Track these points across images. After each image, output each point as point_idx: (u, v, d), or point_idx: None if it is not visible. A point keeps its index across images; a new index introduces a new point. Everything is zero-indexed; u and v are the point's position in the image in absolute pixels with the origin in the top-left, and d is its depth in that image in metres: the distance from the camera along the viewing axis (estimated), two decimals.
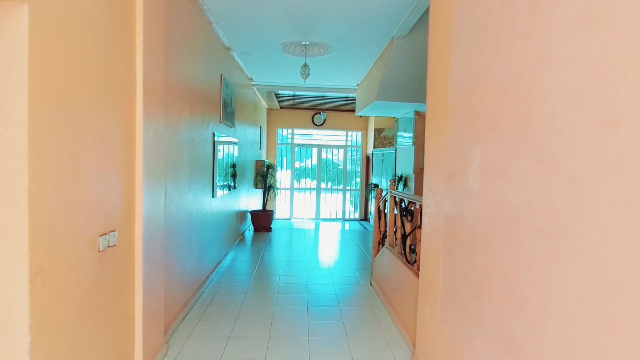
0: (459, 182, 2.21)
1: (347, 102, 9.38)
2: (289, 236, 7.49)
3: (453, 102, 2.34)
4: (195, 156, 3.92)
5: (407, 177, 7.26)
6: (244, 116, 6.82)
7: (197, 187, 4.03)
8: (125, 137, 2.26)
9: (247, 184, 7.43)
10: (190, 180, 3.77)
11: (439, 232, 2.55)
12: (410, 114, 7.08)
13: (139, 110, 2.40)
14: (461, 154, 2.20)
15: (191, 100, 3.73)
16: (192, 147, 3.77)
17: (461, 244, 2.17)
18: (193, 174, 3.84)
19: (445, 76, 2.50)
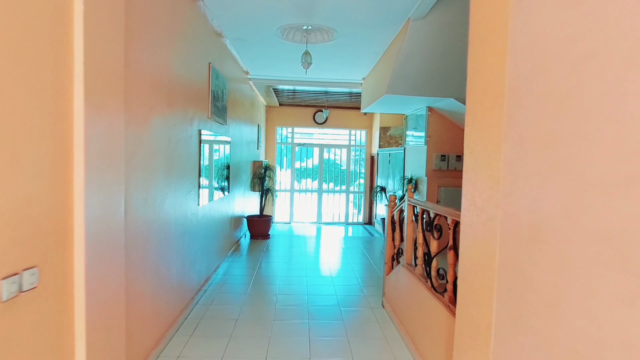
0: (534, 193, 1.53)
1: (351, 98, 8.71)
2: (289, 244, 6.82)
3: (517, 83, 1.65)
4: (175, 157, 3.25)
5: (417, 180, 6.58)
6: (238, 113, 6.15)
7: (178, 193, 3.36)
8: (55, 133, 1.59)
9: (243, 187, 6.76)
10: (168, 186, 3.10)
11: (489, 262, 1.87)
12: (421, 110, 6.40)
13: (77, 98, 1.72)
14: (538, 153, 1.51)
15: (169, 91, 3.06)
16: (169, 146, 3.10)
17: (537, 287, 1.49)
18: (171, 178, 3.17)
19: (500, 46, 1.82)
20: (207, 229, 4.45)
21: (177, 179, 3.28)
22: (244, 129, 6.63)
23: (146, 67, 2.62)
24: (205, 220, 4.36)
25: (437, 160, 6.19)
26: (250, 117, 7.38)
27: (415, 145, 6.77)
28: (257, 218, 6.91)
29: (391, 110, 7.16)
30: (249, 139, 7.20)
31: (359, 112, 10.03)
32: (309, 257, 5.97)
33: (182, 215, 3.47)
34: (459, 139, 6.25)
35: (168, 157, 3.08)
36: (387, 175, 8.53)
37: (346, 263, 5.70)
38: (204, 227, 4.31)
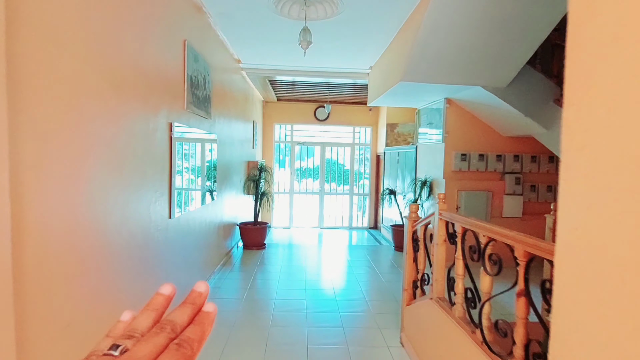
0: None
1: (355, 91, 7.83)
2: (287, 255, 5.95)
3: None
4: (131, 158, 2.39)
5: (432, 182, 5.71)
6: (228, 106, 5.29)
7: (138, 203, 2.50)
8: None
9: (235, 190, 5.90)
10: (118, 196, 2.23)
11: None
12: (438, 103, 5.52)
13: None
14: None
15: (113, 69, 2.20)
16: (117, 144, 2.24)
17: None
18: (127, 184, 2.30)
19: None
20: (186, 241, 3.60)
21: (137, 184, 2.42)
22: (235, 126, 5.76)
23: (69, 33, 1.75)
24: (184, 231, 3.51)
25: (457, 159, 5.31)
26: (244, 113, 6.51)
27: (429, 142, 5.90)
28: (251, 226, 6.05)
29: (402, 104, 6.29)
30: (242, 137, 6.34)
31: (363, 107, 9.16)
32: (309, 272, 5.10)
33: (143, 225, 2.60)
34: (483, 135, 5.38)
35: (119, 158, 2.22)
36: (396, 176, 7.66)
37: (353, 281, 4.83)
38: (182, 239, 3.46)
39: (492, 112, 4.92)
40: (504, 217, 5.35)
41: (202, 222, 4.16)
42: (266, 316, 3.66)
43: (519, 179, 5.33)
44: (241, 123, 6.24)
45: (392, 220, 7.58)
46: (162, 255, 2.97)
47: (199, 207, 4.04)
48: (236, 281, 4.65)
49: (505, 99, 4.40)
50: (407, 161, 6.98)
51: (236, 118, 5.84)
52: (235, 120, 5.79)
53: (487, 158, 5.34)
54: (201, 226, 4.14)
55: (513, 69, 4.19)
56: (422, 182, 5.86)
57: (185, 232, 3.56)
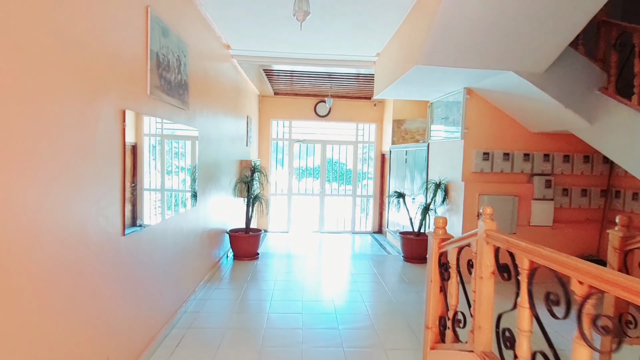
0: None
1: (359, 83, 7.06)
2: (283, 267, 5.19)
3: None
4: (52, 156, 1.65)
5: (448, 185, 4.95)
6: (215, 98, 4.53)
7: (66, 219, 1.76)
8: None
9: (225, 193, 5.15)
10: (27, 210, 1.49)
11: None
12: (456, 94, 4.75)
13: None
14: None
15: (24, 32, 1.45)
16: (28, 138, 1.49)
17: None
18: (44, 192, 1.56)
19: None
20: (154, 257, 2.85)
21: (73, 191, 1.67)
22: (224, 121, 5.01)
23: None
24: (149, 247, 2.76)
25: (478, 159, 4.55)
26: (235, 107, 5.75)
27: (444, 140, 5.13)
28: (242, 234, 5.29)
29: (412, 96, 5.52)
30: (233, 134, 5.58)
31: (367, 102, 8.39)
32: (307, 290, 4.33)
33: (75, 248, 1.85)
34: (508, 131, 4.61)
35: (42, 157, 1.47)
36: (403, 177, 6.90)
37: (358, 301, 4.07)
38: (146, 257, 2.71)
39: (523, 103, 4.15)
40: (532, 225, 4.59)
41: (178, 232, 3.41)
42: (254, 347, 2.90)
43: (549, 181, 4.56)
44: (232, 118, 5.48)
45: (399, 224, 6.82)
46: (109, 283, 2.22)
47: (174, 215, 3.28)
48: (222, 301, 3.90)
49: (542, 86, 3.63)
50: (417, 161, 6.22)
51: (225, 112, 5.09)
52: (224, 115, 5.03)
53: (513, 157, 4.57)
54: (177, 238, 3.39)
55: (553, 50, 3.42)
56: (436, 185, 5.10)
57: (150, 248, 2.81)
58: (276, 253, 6.15)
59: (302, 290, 4.26)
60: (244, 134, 6.45)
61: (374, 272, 5.01)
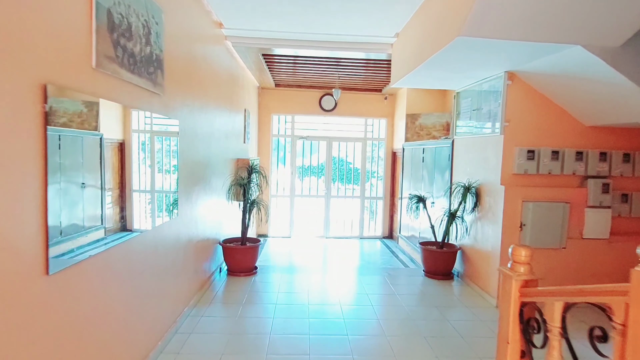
0: None
1: (368, 74, 6.21)
2: (284, 285, 4.36)
3: None
4: None
5: (480, 189, 4.12)
6: (205, 86, 3.71)
7: None
8: None
9: (217, 197, 4.34)
10: None
11: None
12: (494, 80, 3.91)
13: None
14: None
15: None
16: None
17: None
18: None
19: None
20: (111, 289, 2.05)
21: None
22: (216, 114, 4.19)
23: None
24: (102, 276, 1.95)
25: (521, 158, 3.72)
26: (230, 99, 4.93)
27: (475, 135, 4.30)
28: (236, 245, 4.48)
29: (434, 84, 4.69)
30: (227, 129, 4.76)
31: (377, 95, 7.56)
32: (314, 320, 3.51)
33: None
34: (558, 124, 3.78)
35: None
36: (419, 178, 6.08)
37: (379, 336, 3.25)
38: (101, 288, 1.91)
39: (583, 89, 3.32)
40: (585, 238, 3.76)
41: (151, 252, 2.60)
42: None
43: (606, 185, 3.73)
44: (225, 111, 4.66)
45: (413, 229, 6.00)
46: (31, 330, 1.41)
47: (140, 234, 2.47)
48: (209, 335, 3.08)
49: (616, 65, 2.80)
50: (437, 159, 5.40)
51: (218, 104, 4.27)
52: (217, 107, 4.22)
53: (563, 156, 3.74)
54: (149, 259, 2.58)
55: (635, 19, 2.59)
56: (465, 188, 4.27)
57: (102, 279, 1.99)
58: (277, 265, 5.34)
59: (308, 319, 3.44)
60: (240, 129, 5.63)
61: (392, 290, 4.18)
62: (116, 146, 2.19)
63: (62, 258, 1.66)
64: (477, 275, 4.18)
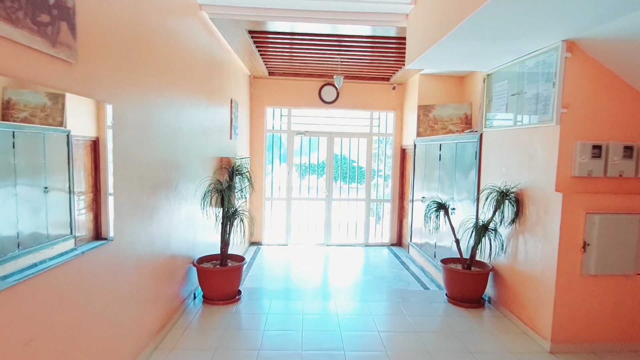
0: None
1: (374, 56, 5.24)
2: (273, 317, 3.42)
3: None
4: None
5: (521, 194, 3.16)
6: (167, 69, 2.77)
7: None
8: None
9: (188, 206, 3.41)
10: None
11: None
12: (546, 54, 2.94)
13: None
14: None
15: None
16: None
17: None
18: None
19: None
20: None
21: None
22: (185, 103, 3.24)
23: None
24: None
25: (584, 155, 2.76)
26: (209, 86, 3.99)
27: (514, 127, 3.34)
28: (214, 267, 3.54)
29: (459, 64, 3.72)
30: (207, 124, 3.83)
31: (384, 85, 6.60)
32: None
33: None
34: (633, 111, 2.82)
35: None
36: (434, 179, 5.13)
37: None
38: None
39: None
40: None
41: (95, 274, 1.68)
42: None
43: None
44: (203, 101, 3.72)
45: (427, 236, 5.05)
46: None
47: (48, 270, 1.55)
48: None
49: None
50: (459, 157, 4.45)
51: (189, 91, 3.33)
52: (188, 95, 3.27)
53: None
54: (97, 282, 1.66)
55: None
56: (501, 193, 3.32)
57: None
58: (266, 287, 4.41)
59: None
60: (225, 123, 4.69)
61: (409, 324, 3.23)
62: (89, 144, 1.91)
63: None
64: (517, 305, 3.24)
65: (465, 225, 3.77)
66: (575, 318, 2.80)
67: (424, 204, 5.54)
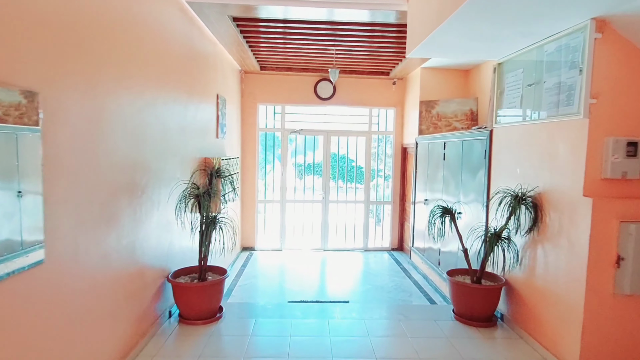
0: None
1: (372, 47, 4.81)
2: (257, 340, 3.02)
3: None
4: None
5: (540, 199, 2.73)
6: (129, 56, 2.36)
7: None
8: None
9: (160, 213, 3.01)
10: None
11: None
12: (571, 35, 2.50)
13: None
14: None
15: None
16: None
17: None
18: None
19: None
20: None
21: None
22: (157, 96, 2.83)
23: None
24: None
25: (618, 153, 2.33)
26: (189, 80, 3.57)
27: (531, 121, 2.91)
28: (191, 282, 3.13)
29: (466, 53, 3.30)
30: (187, 121, 3.42)
31: (384, 80, 6.18)
32: None
33: None
34: None
35: None
36: (438, 180, 4.71)
37: None
38: None
39: None
40: None
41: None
42: None
43: None
44: (180, 95, 3.31)
45: (430, 240, 4.63)
46: None
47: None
48: None
49: None
50: (466, 156, 4.02)
51: (167, 85, 2.93)
52: (159, 87, 2.86)
53: None
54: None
55: None
56: (515, 198, 2.89)
57: None
58: (255, 300, 4.01)
59: None
60: (209, 120, 4.27)
61: (412, 347, 2.81)
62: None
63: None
64: (536, 325, 2.81)
65: (475, 233, 3.34)
66: (607, 344, 2.37)
67: (427, 207, 5.12)
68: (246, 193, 6.13)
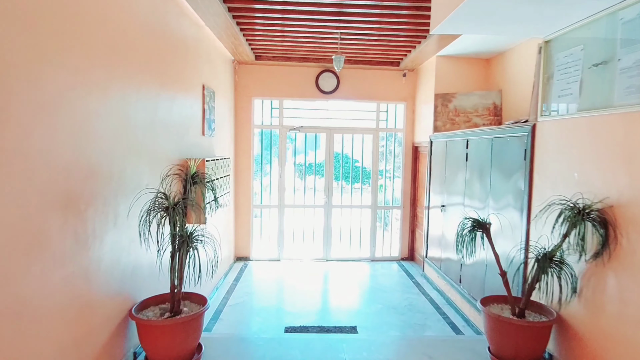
0: None
1: (381, 31, 4.11)
2: None
3: None
4: None
5: (609, 214, 2.02)
6: (91, 43, 1.68)
7: None
8: None
9: (120, 230, 2.33)
10: None
11: None
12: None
13: None
14: None
15: None
16: None
17: None
18: None
19: None
20: None
21: None
22: (116, 84, 2.15)
23: None
24: None
25: None
26: (165, 67, 2.89)
27: (598, 111, 2.21)
28: (158, 319, 2.44)
29: (511, 26, 2.60)
30: (160, 116, 2.74)
31: (393, 71, 5.49)
32: None
33: None
34: None
35: None
36: (459, 183, 4.02)
37: None
38: None
39: None
40: None
41: None
42: None
43: None
44: (152, 83, 2.63)
45: (447, 246, 3.94)
46: None
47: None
48: None
49: None
50: (495, 157, 3.33)
51: (130, 70, 2.25)
52: (128, 75, 2.18)
53: None
54: None
55: None
56: (575, 211, 2.20)
57: None
58: (243, 328, 3.33)
59: None
60: (194, 116, 3.59)
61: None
62: None
63: None
64: None
65: (508, 248, 2.65)
66: None
67: (443, 214, 4.43)
68: (240, 197, 5.46)
